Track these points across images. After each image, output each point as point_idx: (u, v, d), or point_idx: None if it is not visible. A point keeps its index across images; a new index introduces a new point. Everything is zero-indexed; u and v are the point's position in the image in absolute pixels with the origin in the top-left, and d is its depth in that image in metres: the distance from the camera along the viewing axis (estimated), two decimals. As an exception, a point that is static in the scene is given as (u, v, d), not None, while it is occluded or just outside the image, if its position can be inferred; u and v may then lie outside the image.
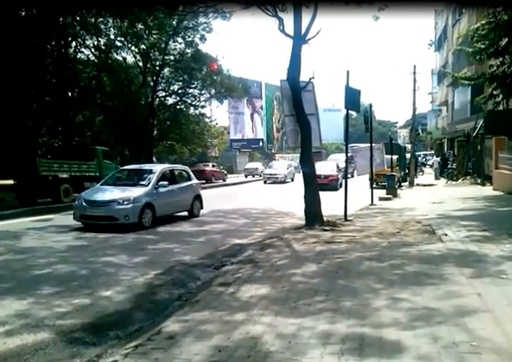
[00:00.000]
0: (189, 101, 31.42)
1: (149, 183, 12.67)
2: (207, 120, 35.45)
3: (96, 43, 24.89)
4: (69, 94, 24.63)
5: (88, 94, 24.78)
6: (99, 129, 29.25)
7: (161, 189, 12.85)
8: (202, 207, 14.68)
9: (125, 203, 11.65)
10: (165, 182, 13.00)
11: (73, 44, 24.07)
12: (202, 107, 32.37)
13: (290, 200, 16.99)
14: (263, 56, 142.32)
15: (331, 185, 23.93)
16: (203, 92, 31.17)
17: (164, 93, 30.49)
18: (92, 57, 25.70)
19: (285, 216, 14.15)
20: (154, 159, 32.58)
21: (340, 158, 31.85)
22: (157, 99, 29.66)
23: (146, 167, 14.68)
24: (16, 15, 18.69)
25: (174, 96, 30.95)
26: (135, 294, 6.15)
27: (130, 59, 27.72)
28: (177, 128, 30.84)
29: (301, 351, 3.82)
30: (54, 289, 6.34)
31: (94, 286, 6.49)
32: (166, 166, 15.30)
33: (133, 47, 26.72)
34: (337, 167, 27.03)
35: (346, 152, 14.22)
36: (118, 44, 25.70)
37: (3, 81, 17.93)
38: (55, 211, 15.37)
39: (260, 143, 62.41)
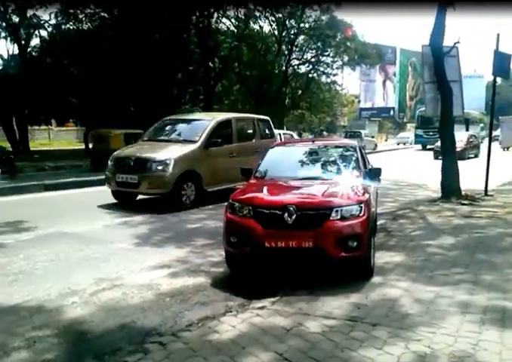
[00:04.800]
0: (321, 69, 31.43)
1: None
2: (338, 88, 35.09)
3: (236, 13, 25.77)
4: (210, 64, 25.98)
5: (227, 64, 25.94)
6: (235, 97, 30.57)
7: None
8: None
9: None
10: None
11: (215, 15, 25.19)
12: (334, 75, 32.11)
13: (423, 172, 16.40)
14: (399, 20, 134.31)
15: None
16: (336, 59, 30.94)
17: (297, 62, 30.80)
18: (232, 27, 26.71)
19: (419, 188, 13.76)
20: (284, 128, 33.29)
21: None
22: (290, 67, 30.07)
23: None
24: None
25: (307, 64, 31.09)
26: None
27: (266, 28, 28.31)
28: (308, 97, 31.13)
29: (440, 317, 3.94)
30: (206, 241, 7.09)
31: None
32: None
33: (270, 16, 27.16)
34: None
35: (491, 123, 13.27)
36: (257, 13, 26.30)
37: (154, 51, 19.55)
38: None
39: (391, 112, 60.00)
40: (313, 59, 30.43)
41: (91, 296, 4.70)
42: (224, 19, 26.28)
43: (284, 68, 28.70)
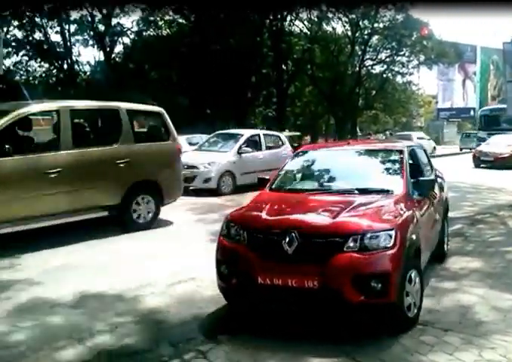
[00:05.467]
0: (396, 69, 30.77)
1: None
2: (414, 88, 34.09)
3: (309, 15, 25.84)
4: (283, 66, 26.23)
5: (300, 66, 26.07)
6: (308, 99, 30.62)
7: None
8: None
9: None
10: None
11: (288, 18, 25.41)
12: (410, 75, 31.28)
13: (502, 176, 15.57)
14: (480, 18, 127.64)
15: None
16: (411, 59, 30.16)
17: (371, 62, 30.37)
18: (304, 29, 26.81)
19: (498, 192, 13.08)
20: (357, 129, 32.86)
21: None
22: (364, 68, 29.68)
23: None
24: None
25: (381, 64, 30.54)
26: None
27: (339, 29, 28.14)
28: (382, 97, 30.58)
29: (518, 326, 3.77)
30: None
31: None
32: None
33: (343, 17, 26.97)
34: None
35: None
36: (329, 15, 26.22)
37: (229, 55, 20.08)
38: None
39: (472, 112, 57.09)
40: (387, 59, 29.79)
41: (168, 287, 4.95)
42: (297, 22, 26.47)
43: (357, 68, 28.35)
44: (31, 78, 26.16)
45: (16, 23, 24.48)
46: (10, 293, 4.75)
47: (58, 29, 25.67)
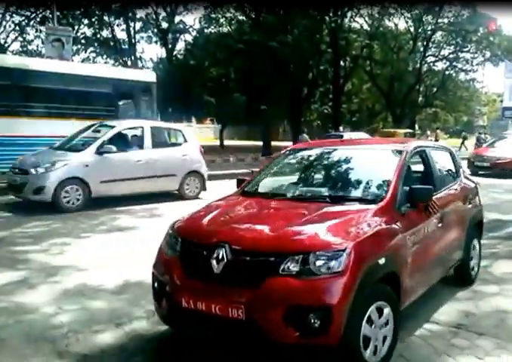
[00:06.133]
0: (459, 66, 29.69)
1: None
2: (477, 85, 32.85)
3: (370, 11, 25.53)
4: (341, 63, 26.11)
5: (358, 62, 25.85)
6: (365, 96, 30.30)
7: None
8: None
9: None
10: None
11: (348, 14, 25.22)
12: (474, 72, 30.16)
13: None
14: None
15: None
16: (476, 55, 28.97)
17: (433, 59, 29.53)
18: (365, 26, 26.52)
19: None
20: (416, 126, 32.13)
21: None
22: (425, 65, 28.92)
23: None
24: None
25: (443, 61, 29.64)
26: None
27: (401, 25, 27.58)
28: (443, 95, 29.74)
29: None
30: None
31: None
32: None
33: (406, 13, 26.43)
34: None
35: None
36: (392, 10, 25.77)
37: (287, 52, 20.25)
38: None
39: (541, 112, 54.00)
40: (450, 56, 28.87)
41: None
42: (357, 18, 26.21)
43: (418, 65, 27.68)
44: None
45: (86, 21, 25.87)
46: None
47: (124, 26, 26.87)
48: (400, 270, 3.28)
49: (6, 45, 25.87)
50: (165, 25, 26.95)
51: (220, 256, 2.93)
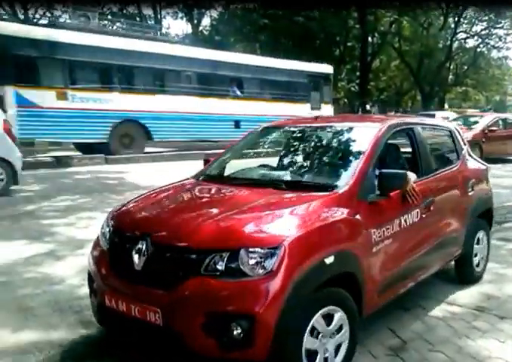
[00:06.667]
0: (492, 43, 28.77)
1: None
2: (510, 63, 31.80)
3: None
4: (369, 39, 25.56)
5: (386, 39, 25.26)
6: (393, 74, 29.67)
7: None
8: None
9: None
10: None
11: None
12: (507, 49, 29.23)
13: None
14: None
15: None
16: (510, 32, 27.95)
17: (464, 35, 28.62)
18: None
19: None
20: (446, 105, 31.40)
21: None
22: (456, 42, 28.08)
23: None
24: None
25: (475, 37, 28.72)
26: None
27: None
28: (474, 73, 28.92)
29: None
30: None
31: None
32: None
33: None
34: None
35: None
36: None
37: (314, 28, 19.93)
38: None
39: None
40: (482, 32, 27.93)
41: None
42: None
43: (449, 42, 26.86)
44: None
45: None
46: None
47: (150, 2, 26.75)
48: (361, 270, 2.79)
49: (35, 21, 26.08)
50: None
51: (143, 250, 2.54)
